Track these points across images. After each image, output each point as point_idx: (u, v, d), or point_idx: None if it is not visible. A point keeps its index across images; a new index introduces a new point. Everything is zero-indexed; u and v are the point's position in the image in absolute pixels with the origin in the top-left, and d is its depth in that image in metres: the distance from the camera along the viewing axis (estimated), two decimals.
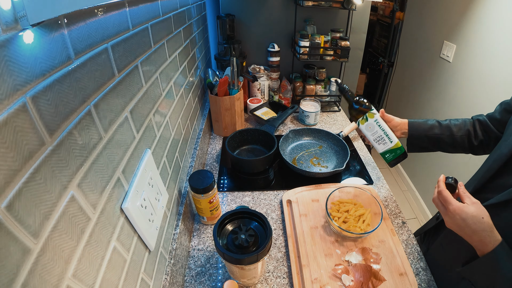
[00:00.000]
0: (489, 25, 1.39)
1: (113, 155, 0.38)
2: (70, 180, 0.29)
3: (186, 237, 0.70)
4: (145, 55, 0.51)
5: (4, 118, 0.21)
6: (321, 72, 1.38)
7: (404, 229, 0.78)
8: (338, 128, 1.26)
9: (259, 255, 0.53)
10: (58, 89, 0.27)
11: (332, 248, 0.70)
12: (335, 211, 0.76)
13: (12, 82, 0.22)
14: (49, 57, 0.26)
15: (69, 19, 0.29)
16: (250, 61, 1.42)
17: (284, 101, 1.38)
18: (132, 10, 0.45)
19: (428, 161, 1.93)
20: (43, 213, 0.25)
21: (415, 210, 2.06)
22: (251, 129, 1.08)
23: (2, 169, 0.21)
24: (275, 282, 0.65)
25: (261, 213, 0.60)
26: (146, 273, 0.47)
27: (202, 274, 0.66)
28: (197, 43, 1.02)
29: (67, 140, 0.29)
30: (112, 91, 0.39)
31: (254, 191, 0.90)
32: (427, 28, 1.89)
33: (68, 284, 0.27)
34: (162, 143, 0.60)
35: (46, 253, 0.25)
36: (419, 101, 2.04)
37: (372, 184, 0.94)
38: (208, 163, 1.02)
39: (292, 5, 1.27)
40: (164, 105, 0.62)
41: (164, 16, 0.63)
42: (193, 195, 0.71)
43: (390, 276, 0.64)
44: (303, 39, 1.24)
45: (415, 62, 2.07)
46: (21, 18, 0.22)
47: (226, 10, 1.29)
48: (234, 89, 1.07)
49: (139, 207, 0.44)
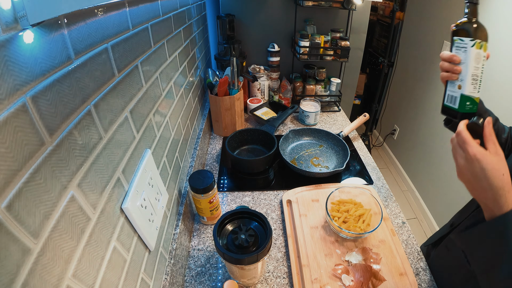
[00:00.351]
0: (489, 25, 1.38)
1: (113, 155, 0.38)
2: (70, 180, 0.29)
3: (186, 237, 0.70)
4: (145, 55, 0.51)
5: (4, 118, 0.21)
6: (321, 72, 1.38)
7: (404, 229, 0.78)
8: (338, 128, 1.26)
9: (259, 255, 0.53)
10: (58, 89, 0.27)
11: (332, 248, 0.70)
12: (335, 211, 0.76)
13: (12, 82, 0.22)
14: (49, 57, 0.26)
15: (69, 19, 0.29)
16: (250, 61, 1.42)
17: (284, 101, 1.38)
18: (132, 10, 0.45)
19: (428, 161, 1.93)
20: (43, 213, 0.25)
21: (415, 210, 2.06)
22: (251, 129, 1.08)
23: (2, 169, 0.21)
24: (275, 282, 0.65)
25: (261, 213, 0.60)
26: (146, 273, 0.47)
27: (202, 274, 0.66)
28: (197, 43, 1.02)
29: (67, 140, 0.29)
30: (112, 91, 0.39)
31: (254, 191, 0.90)
32: (427, 28, 1.89)
33: (68, 284, 0.27)
34: (162, 143, 0.60)
35: (46, 253, 0.25)
36: (419, 101, 2.04)
37: (372, 184, 0.94)
38: (208, 163, 1.02)
39: (292, 5, 1.27)
40: (164, 105, 0.62)
41: (164, 16, 0.63)
42: (193, 195, 0.71)
43: (390, 276, 0.64)
44: (303, 39, 1.24)
45: (415, 62, 2.07)
46: (21, 18, 0.22)
47: (226, 10, 1.29)
48: (234, 89, 1.07)
49: (139, 207, 0.44)
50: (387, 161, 2.54)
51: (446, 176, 1.73)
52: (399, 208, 0.85)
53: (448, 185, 1.72)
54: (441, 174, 1.78)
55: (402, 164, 2.33)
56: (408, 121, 2.20)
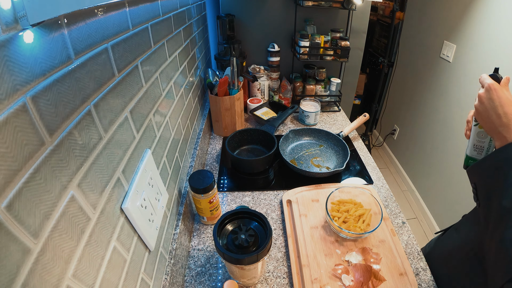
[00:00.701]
0: (489, 25, 1.39)
1: (113, 155, 0.38)
2: (70, 180, 0.29)
3: (186, 237, 0.70)
4: (145, 55, 0.51)
5: (4, 118, 0.21)
6: (321, 72, 1.38)
7: (404, 229, 0.78)
8: (338, 128, 1.26)
9: (259, 255, 0.53)
10: (58, 89, 0.27)
11: (332, 248, 0.70)
12: (335, 211, 0.76)
13: (12, 82, 0.22)
14: (49, 57, 0.26)
15: (69, 19, 0.29)
16: (250, 61, 1.42)
17: (284, 101, 1.38)
18: (132, 10, 0.45)
19: (428, 161, 1.93)
20: (43, 213, 0.25)
21: (415, 210, 2.06)
22: (251, 129, 1.08)
23: (2, 169, 0.21)
24: (275, 282, 0.65)
25: (261, 213, 0.60)
26: (146, 273, 0.47)
27: (202, 274, 0.66)
28: (197, 43, 1.02)
29: (67, 140, 0.29)
30: (112, 91, 0.39)
31: (254, 191, 0.90)
32: (427, 28, 1.89)
33: (68, 284, 0.27)
34: (162, 143, 0.60)
35: (46, 253, 0.25)
36: (419, 101, 2.04)
37: (372, 184, 0.94)
38: (208, 163, 1.02)
39: (292, 5, 1.27)
40: (164, 105, 0.62)
41: (164, 16, 0.63)
42: (193, 195, 0.71)
43: (390, 276, 0.64)
44: (303, 39, 1.24)
45: (415, 62, 2.07)
46: (21, 18, 0.22)
47: (226, 10, 1.29)
48: (234, 89, 1.07)
49: (139, 207, 0.44)
50: (387, 161, 2.55)
51: (446, 176, 1.73)
52: (399, 208, 0.85)
53: (448, 185, 1.71)
54: (441, 174, 1.78)
55: (402, 164, 2.33)
56: (408, 121, 2.20)
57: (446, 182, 1.74)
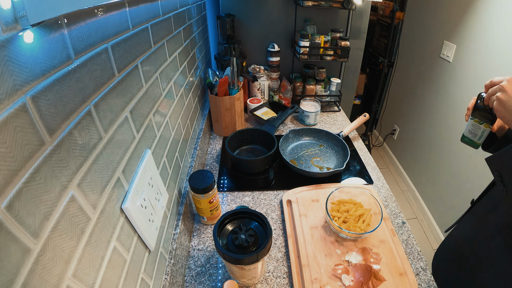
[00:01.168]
0: (489, 25, 1.39)
1: (113, 155, 0.38)
2: (70, 180, 0.29)
3: (186, 237, 0.70)
4: (145, 55, 0.51)
5: (4, 118, 0.21)
6: (321, 72, 1.38)
7: (404, 229, 0.78)
8: (338, 128, 1.26)
9: (259, 255, 0.53)
10: (58, 89, 0.27)
11: (332, 248, 0.70)
12: (335, 211, 0.76)
13: (12, 82, 0.22)
14: (49, 57, 0.26)
15: (69, 19, 0.29)
16: (250, 61, 1.42)
17: (284, 101, 1.38)
18: (132, 10, 0.45)
19: (428, 161, 1.93)
20: (43, 213, 0.25)
21: (415, 210, 2.06)
22: (251, 129, 1.08)
23: (2, 169, 0.21)
24: (275, 282, 0.65)
25: (261, 213, 0.60)
26: (146, 273, 0.47)
27: (202, 274, 0.66)
28: (197, 43, 1.02)
29: (67, 140, 0.29)
30: (112, 91, 0.39)
31: (254, 191, 0.90)
32: (427, 28, 1.89)
33: (68, 284, 0.27)
34: (162, 143, 0.60)
35: (46, 253, 0.25)
36: (419, 101, 2.04)
37: (372, 184, 0.94)
38: (208, 163, 1.02)
39: (292, 5, 1.27)
40: (164, 105, 0.62)
41: (164, 16, 0.63)
42: (193, 195, 0.71)
43: (390, 276, 0.64)
44: (303, 39, 1.24)
45: (415, 62, 2.07)
46: (21, 18, 0.22)
47: (226, 10, 1.29)
48: (234, 89, 1.07)
49: (139, 207, 0.44)
50: (387, 161, 2.55)
51: (446, 176, 1.73)
52: (399, 208, 0.85)
53: (448, 185, 1.72)
54: (441, 174, 1.78)
55: (402, 164, 2.33)
56: (408, 121, 2.20)
57: (446, 182, 1.74)
